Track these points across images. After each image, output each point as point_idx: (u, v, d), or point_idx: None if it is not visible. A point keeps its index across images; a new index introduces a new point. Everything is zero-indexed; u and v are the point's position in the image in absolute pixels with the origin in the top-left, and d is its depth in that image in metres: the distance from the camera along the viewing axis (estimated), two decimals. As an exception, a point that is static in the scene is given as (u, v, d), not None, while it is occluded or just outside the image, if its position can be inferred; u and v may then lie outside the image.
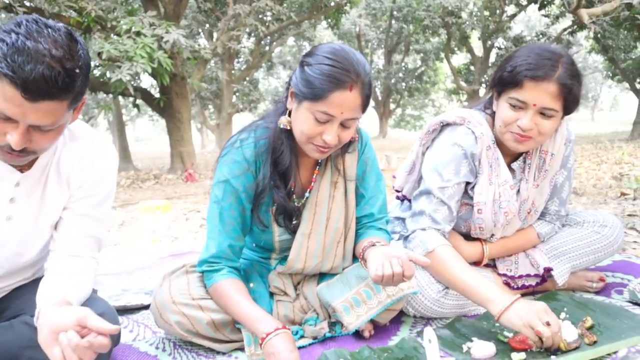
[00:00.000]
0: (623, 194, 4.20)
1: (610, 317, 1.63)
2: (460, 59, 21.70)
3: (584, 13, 9.72)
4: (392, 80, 22.23)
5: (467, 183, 1.77)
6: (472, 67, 18.92)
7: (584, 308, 1.71)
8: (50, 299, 1.18)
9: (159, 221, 3.09)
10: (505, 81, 1.62)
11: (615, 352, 1.45)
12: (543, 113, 1.59)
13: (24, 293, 1.43)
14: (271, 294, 1.70)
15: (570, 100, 1.60)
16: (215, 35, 13.90)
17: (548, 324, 1.36)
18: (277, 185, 1.56)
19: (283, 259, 1.71)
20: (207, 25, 15.52)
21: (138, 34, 7.99)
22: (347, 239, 1.68)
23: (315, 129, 1.42)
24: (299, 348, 1.57)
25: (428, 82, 23.34)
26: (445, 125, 1.81)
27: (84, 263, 1.37)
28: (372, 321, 1.64)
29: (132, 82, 8.51)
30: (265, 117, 1.61)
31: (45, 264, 1.44)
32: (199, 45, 10.81)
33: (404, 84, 22.68)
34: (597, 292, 1.94)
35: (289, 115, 1.50)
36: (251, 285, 1.68)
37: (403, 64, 23.12)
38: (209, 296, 1.57)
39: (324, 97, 1.37)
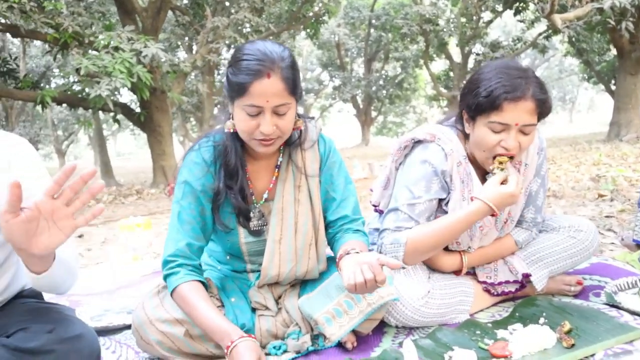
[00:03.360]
0: (600, 196, 4.26)
1: (587, 320, 1.66)
2: (439, 65, 21.90)
3: (558, 18, 9.91)
4: (373, 88, 22.37)
5: (441, 200, 1.80)
6: (451, 74, 19.12)
7: (562, 312, 1.74)
8: None
9: (140, 238, 3.07)
10: (483, 107, 1.64)
11: (592, 355, 1.48)
12: (523, 131, 1.64)
13: None
14: (253, 310, 1.70)
15: (544, 112, 1.67)
16: (194, 48, 13.88)
17: None
18: (229, 186, 1.61)
19: (260, 272, 1.71)
20: (186, 39, 15.49)
21: (116, 49, 7.96)
22: (318, 240, 1.71)
23: (250, 123, 1.49)
24: (283, 363, 1.58)
25: (408, 89, 23.53)
26: (416, 142, 1.83)
27: None
28: (354, 332, 1.65)
29: (112, 97, 8.43)
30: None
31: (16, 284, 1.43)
32: (178, 58, 10.79)
33: (384, 91, 22.82)
34: (576, 296, 1.97)
35: (233, 118, 1.56)
36: (232, 300, 1.68)
37: (383, 72, 23.28)
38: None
39: (246, 90, 1.44)
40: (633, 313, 1.73)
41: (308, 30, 16.00)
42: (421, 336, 1.70)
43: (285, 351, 1.63)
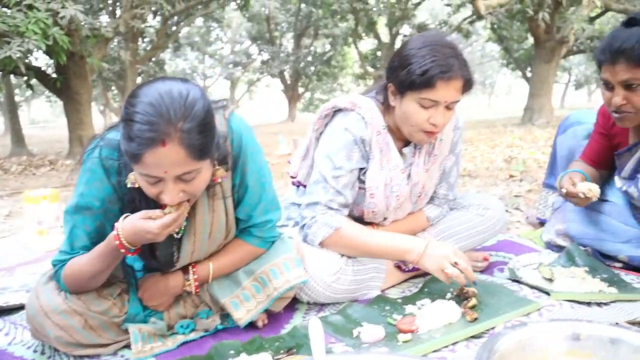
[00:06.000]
0: (511, 176, 4.49)
1: (490, 295, 1.72)
2: (367, 44, 22.07)
3: (481, 4, 10.22)
4: (301, 64, 22.23)
5: (360, 169, 1.80)
6: (378, 53, 19.34)
7: (469, 286, 1.80)
8: None
9: (46, 211, 2.89)
10: (416, 84, 1.63)
11: (492, 328, 1.54)
12: (448, 106, 1.67)
13: None
14: None
15: (468, 88, 1.71)
16: (118, 12, 13.14)
17: (456, 264, 1.59)
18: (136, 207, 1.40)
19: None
20: (110, 2, 14.65)
21: (30, 7, 7.35)
22: (229, 237, 1.60)
23: (151, 190, 1.27)
24: (189, 342, 1.54)
25: (336, 67, 23.60)
26: (337, 111, 1.83)
27: None
28: (266, 310, 1.63)
29: (24, 60, 7.84)
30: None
31: None
32: (99, 22, 10.17)
33: (312, 68, 22.76)
34: (482, 271, 2.05)
35: None
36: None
37: (312, 48, 23.18)
38: (79, 296, 1.45)
39: (138, 160, 1.19)
40: (532, 287, 1.83)
41: (238, 1, 15.59)
42: (332, 312, 1.71)
43: (193, 329, 1.59)
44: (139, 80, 16.27)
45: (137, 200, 1.39)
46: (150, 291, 1.56)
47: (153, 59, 17.29)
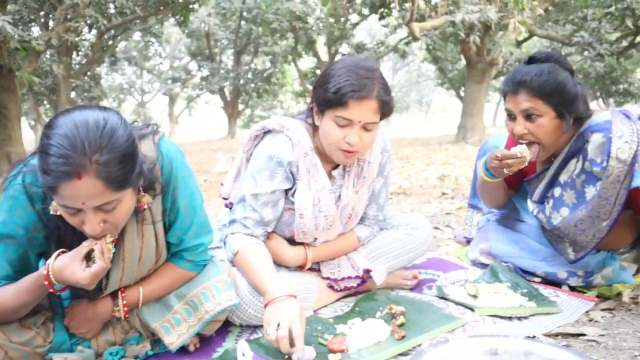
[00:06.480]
0: (444, 194, 4.65)
1: (418, 312, 1.79)
2: (307, 62, 22.33)
3: (416, 26, 10.57)
4: (241, 81, 22.18)
5: (288, 190, 1.85)
6: (318, 71, 19.59)
7: (397, 305, 1.86)
8: None
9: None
10: (331, 101, 1.70)
11: (419, 345, 1.60)
12: (365, 127, 1.72)
13: None
14: None
15: (387, 112, 1.77)
16: (51, 24, 12.70)
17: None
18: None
19: None
20: (42, 13, 14.13)
21: (-48, 16, 7.03)
22: (159, 262, 1.58)
23: (73, 220, 1.25)
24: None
25: (276, 84, 23.70)
26: (266, 132, 1.87)
27: None
28: (198, 333, 1.63)
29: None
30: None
31: None
32: (30, 34, 9.79)
33: (252, 84, 22.76)
34: (412, 289, 2.12)
35: None
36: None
37: (252, 65, 23.21)
38: None
39: (55, 192, 1.18)
40: (457, 303, 1.91)
41: (177, 17, 15.43)
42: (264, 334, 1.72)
43: (123, 356, 1.56)
44: (72, 95, 15.74)
45: (62, 228, 1.36)
46: (78, 318, 1.51)
47: (88, 73, 16.78)
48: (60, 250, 1.35)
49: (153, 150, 1.43)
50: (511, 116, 1.92)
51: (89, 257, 1.31)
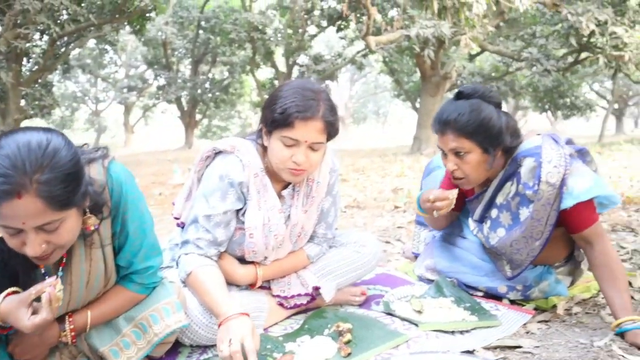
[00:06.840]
0: (396, 207, 4.74)
1: (365, 329, 1.84)
2: (265, 73, 22.36)
3: (372, 40, 10.79)
4: (199, 91, 21.98)
5: (239, 210, 1.89)
6: (276, 82, 19.65)
7: (345, 322, 1.91)
8: None
9: None
10: (277, 122, 1.76)
11: (365, 361, 1.65)
12: (312, 147, 1.78)
13: None
14: None
15: (333, 132, 1.83)
16: (-1, 30, 12.32)
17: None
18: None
19: None
20: (-12, 19, 13.68)
21: None
22: (107, 287, 1.58)
23: (14, 242, 1.25)
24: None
25: (234, 94, 23.63)
26: (217, 153, 1.90)
27: None
28: (147, 356, 1.63)
29: None
30: None
31: None
32: (-25, 41, 9.49)
33: (210, 94, 22.59)
34: (360, 305, 2.18)
35: None
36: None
37: (210, 75, 23.05)
38: None
39: None
40: (403, 319, 1.98)
41: (133, 25, 15.21)
42: (215, 354, 1.74)
43: (69, 380, 1.55)
44: (22, 103, 15.26)
45: (6, 252, 1.35)
46: (23, 345, 1.49)
47: (39, 81, 16.29)
48: (12, 289, 1.34)
49: (102, 174, 1.43)
50: (443, 152, 2.02)
51: (39, 300, 1.31)
